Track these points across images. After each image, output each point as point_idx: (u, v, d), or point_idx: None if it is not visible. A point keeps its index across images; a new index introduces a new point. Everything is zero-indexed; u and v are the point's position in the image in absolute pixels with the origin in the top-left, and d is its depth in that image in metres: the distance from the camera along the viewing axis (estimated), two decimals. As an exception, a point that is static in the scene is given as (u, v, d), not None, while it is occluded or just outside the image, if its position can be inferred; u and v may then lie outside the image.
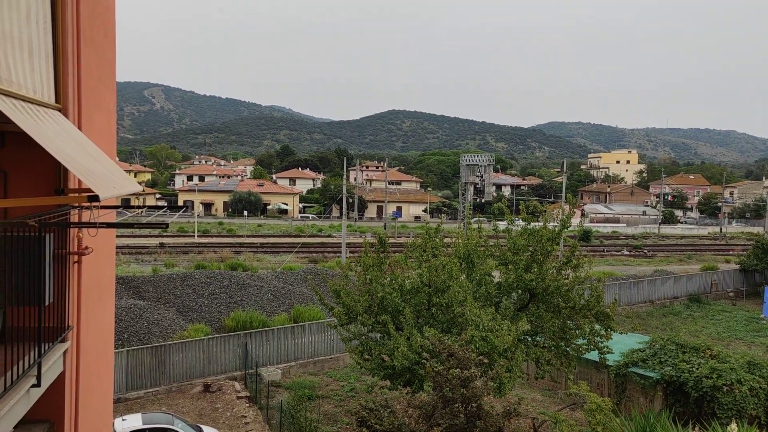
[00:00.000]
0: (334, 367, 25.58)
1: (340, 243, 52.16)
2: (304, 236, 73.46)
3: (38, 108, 5.21)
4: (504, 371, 14.28)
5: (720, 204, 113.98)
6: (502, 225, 19.44)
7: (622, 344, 21.97)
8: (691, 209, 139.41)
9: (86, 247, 6.45)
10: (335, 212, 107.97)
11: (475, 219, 20.50)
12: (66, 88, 6.09)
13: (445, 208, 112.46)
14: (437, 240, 18.53)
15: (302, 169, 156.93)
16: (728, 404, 17.62)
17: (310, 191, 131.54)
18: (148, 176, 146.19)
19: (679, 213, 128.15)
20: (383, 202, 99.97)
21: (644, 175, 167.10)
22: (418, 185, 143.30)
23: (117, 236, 10.56)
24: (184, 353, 22.21)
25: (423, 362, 13.19)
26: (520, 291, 17.58)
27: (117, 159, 8.71)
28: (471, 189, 74.75)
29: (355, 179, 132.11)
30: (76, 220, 6.53)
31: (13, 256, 4.82)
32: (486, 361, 13.24)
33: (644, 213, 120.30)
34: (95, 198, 4.60)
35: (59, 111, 5.98)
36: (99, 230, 6.55)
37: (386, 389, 18.24)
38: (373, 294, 16.61)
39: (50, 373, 5.68)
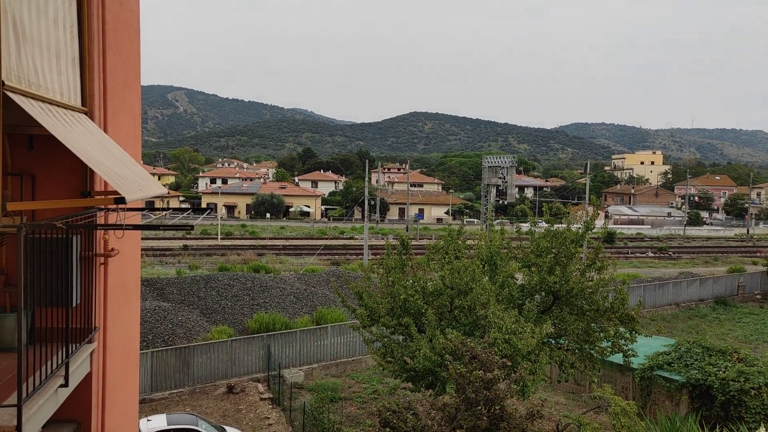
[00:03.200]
0: (357, 369, 25.60)
1: (363, 245, 52.22)
2: (327, 238, 73.68)
3: (65, 111, 5.29)
4: (527, 374, 14.15)
5: (747, 205, 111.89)
6: (525, 227, 19.29)
7: (647, 347, 21.66)
8: (717, 210, 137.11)
9: (112, 249, 6.53)
10: (357, 214, 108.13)
11: (497, 221, 20.37)
12: (92, 91, 6.18)
13: (467, 210, 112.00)
14: (459, 242, 18.44)
15: (324, 171, 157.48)
16: (756, 408, 17.29)
17: (332, 193, 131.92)
18: (171, 179, 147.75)
19: (704, 214, 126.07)
20: (405, 204, 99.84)
21: (669, 176, 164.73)
22: (440, 187, 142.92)
23: (141, 238, 10.69)
24: (208, 355, 22.39)
25: (445, 364, 13.13)
26: (543, 293, 17.42)
27: (141, 162, 8.82)
28: (493, 191, 74.33)
29: (377, 181, 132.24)
30: (102, 222, 6.61)
31: (42, 257, 4.89)
32: (509, 363, 13.14)
33: (669, 214, 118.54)
34: (121, 200, 4.65)
35: (85, 114, 6.07)
36: (125, 232, 6.63)
37: (408, 391, 18.21)
38: (396, 296, 16.59)
39: (77, 374, 5.76)
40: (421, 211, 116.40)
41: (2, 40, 4.02)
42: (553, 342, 17.29)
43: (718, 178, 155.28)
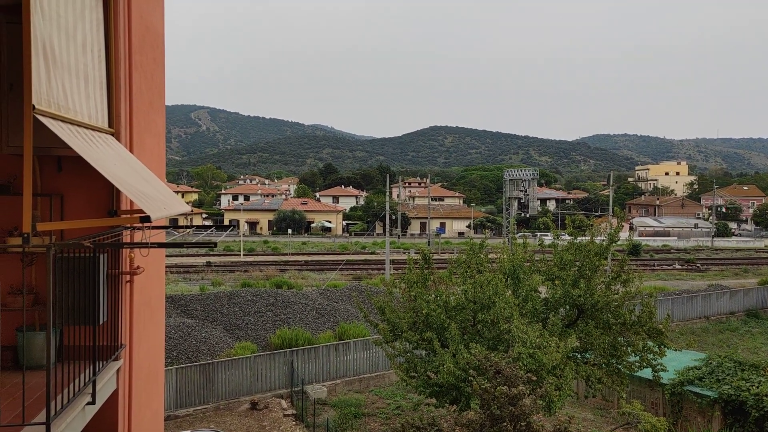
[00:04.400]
0: (380, 384, 25.48)
1: (384, 260, 52.18)
2: (348, 253, 73.76)
3: (92, 133, 5.39)
4: (553, 389, 13.96)
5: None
6: (547, 239, 19.13)
7: (676, 362, 21.26)
8: (745, 221, 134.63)
9: (138, 267, 6.61)
10: (378, 229, 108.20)
11: (520, 234, 20.19)
12: (118, 113, 6.30)
13: (489, 224, 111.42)
14: (482, 256, 18.34)
15: (345, 186, 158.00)
16: (792, 425, 16.84)
17: (353, 208, 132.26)
18: (194, 196, 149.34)
19: (733, 225, 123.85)
20: (426, 218, 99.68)
21: (695, 186, 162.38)
22: (462, 201, 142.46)
23: (166, 256, 10.79)
24: (232, 371, 22.47)
25: (469, 379, 13.02)
26: (567, 307, 17.22)
27: (166, 180, 8.94)
28: (515, 204, 73.97)
29: (397, 196, 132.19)
30: (128, 241, 6.71)
31: (70, 276, 4.97)
32: (534, 378, 12.99)
33: (696, 226, 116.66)
34: (147, 219, 4.71)
35: (112, 135, 6.18)
36: (150, 250, 6.71)
37: (432, 407, 18.06)
38: (418, 310, 16.52)
39: (104, 391, 5.81)
40: (443, 224, 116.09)
41: (33, 66, 4.13)
42: (578, 356, 17.04)
43: (745, 188, 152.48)
